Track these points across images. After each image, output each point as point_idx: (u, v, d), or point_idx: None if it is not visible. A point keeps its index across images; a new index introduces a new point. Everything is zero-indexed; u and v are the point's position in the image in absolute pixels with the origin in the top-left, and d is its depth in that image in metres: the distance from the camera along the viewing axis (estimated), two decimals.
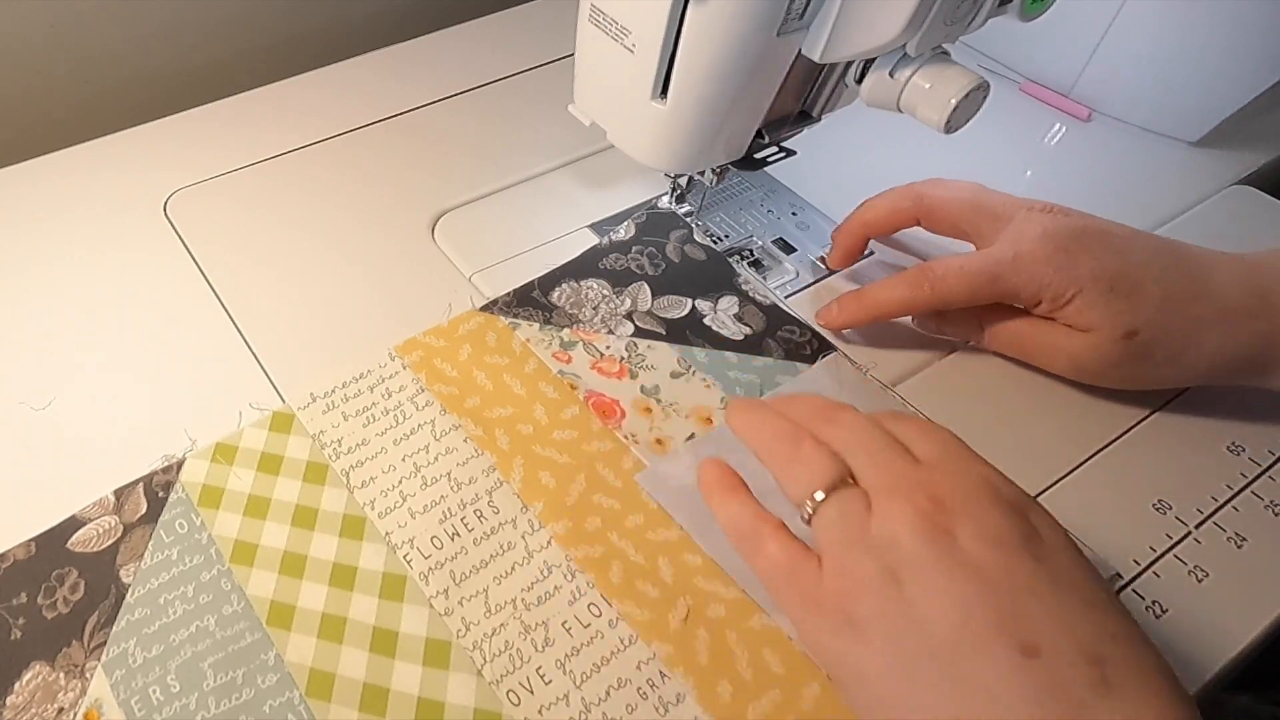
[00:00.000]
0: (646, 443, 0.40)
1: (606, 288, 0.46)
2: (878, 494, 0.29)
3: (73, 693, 0.32)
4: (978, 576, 0.27)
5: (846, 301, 0.43)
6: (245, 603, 0.35)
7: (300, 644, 0.34)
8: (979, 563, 0.27)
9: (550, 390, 0.41)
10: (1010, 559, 0.27)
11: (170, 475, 0.38)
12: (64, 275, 0.47)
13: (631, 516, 0.37)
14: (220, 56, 0.68)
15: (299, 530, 0.37)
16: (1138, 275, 0.38)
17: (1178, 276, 0.38)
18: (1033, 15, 0.39)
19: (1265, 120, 0.57)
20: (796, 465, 0.30)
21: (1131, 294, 0.37)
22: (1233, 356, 0.38)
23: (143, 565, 0.36)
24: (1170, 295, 0.37)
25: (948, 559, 0.27)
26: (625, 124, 0.42)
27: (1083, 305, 0.38)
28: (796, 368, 0.42)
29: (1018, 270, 0.39)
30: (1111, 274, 0.38)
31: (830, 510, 0.29)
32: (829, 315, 0.44)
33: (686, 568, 0.36)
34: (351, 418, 0.40)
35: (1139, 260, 0.38)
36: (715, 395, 0.41)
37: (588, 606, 0.35)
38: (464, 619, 0.34)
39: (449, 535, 0.37)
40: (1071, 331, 0.39)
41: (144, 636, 0.34)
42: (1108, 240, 0.39)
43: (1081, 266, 0.38)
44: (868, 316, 0.43)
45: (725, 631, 0.34)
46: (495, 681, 0.33)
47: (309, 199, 0.52)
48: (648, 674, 0.33)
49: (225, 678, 0.33)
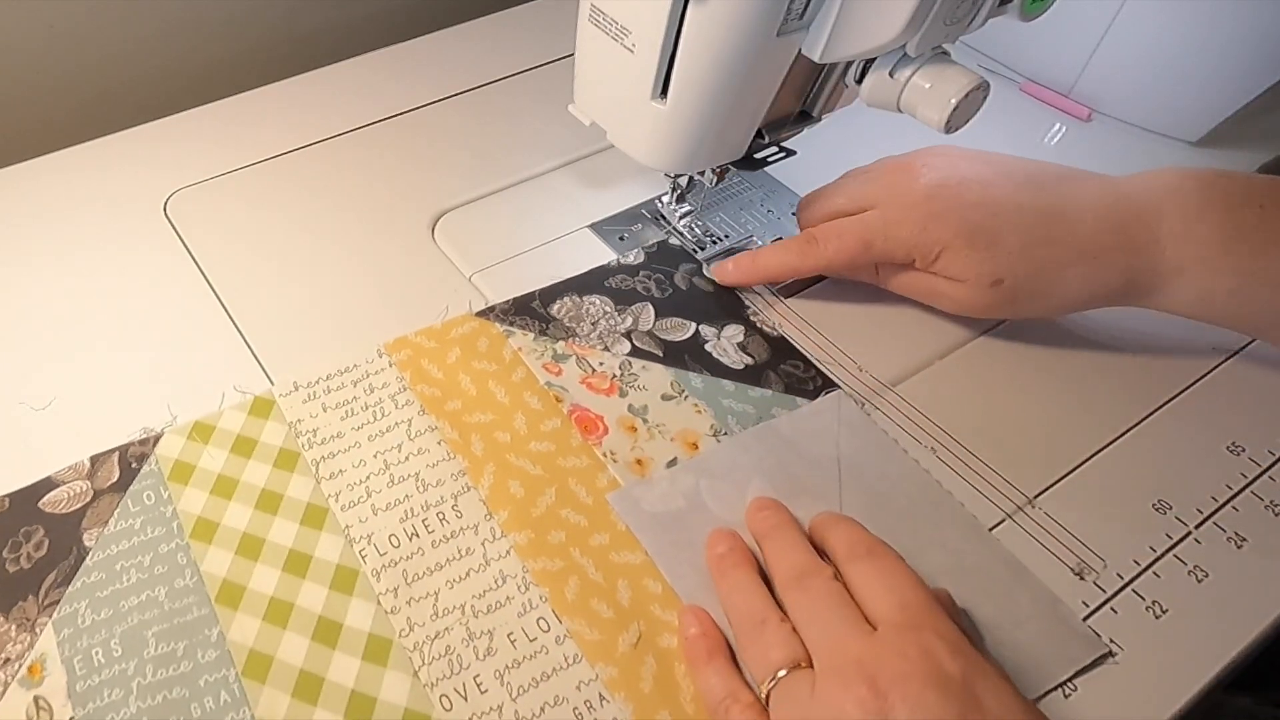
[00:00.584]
0: (626, 461, 0.39)
1: (609, 305, 0.46)
2: (822, 676, 0.30)
3: (21, 645, 0.34)
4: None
5: (741, 260, 0.46)
6: (198, 578, 0.35)
7: (245, 624, 0.34)
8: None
9: (534, 401, 0.41)
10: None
11: (146, 448, 0.39)
12: (64, 275, 0.47)
13: (597, 535, 0.37)
14: (220, 56, 0.68)
15: (261, 514, 0.37)
16: (994, 226, 0.40)
17: (1035, 221, 0.40)
18: (1033, 15, 0.39)
19: (1265, 120, 0.57)
20: (758, 646, 0.32)
21: (990, 245, 0.40)
22: (1099, 289, 0.40)
23: (106, 531, 0.37)
24: (1028, 242, 0.40)
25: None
26: (625, 124, 0.42)
27: (948, 261, 0.41)
28: (796, 401, 0.42)
29: (887, 237, 0.41)
30: (970, 229, 0.40)
31: (782, 691, 0.30)
32: (723, 271, 0.46)
33: (645, 593, 0.35)
34: (331, 409, 0.41)
35: (996, 210, 0.40)
36: (705, 422, 0.41)
37: (537, 620, 0.35)
38: (409, 619, 0.34)
39: (408, 535, 0.37)
40: (950, 280, 0.41)
41: (96, 599, 0.35)
42: (964, 193, 0.40)
43: (942, 226, 0.40)
44: (759, 277, 0.46)
45: (675, 662, 0.33)
46: (431, 684, 0.33)
47: (309, 199, 0.52)
48: (587, 695, 0.33)
49: (166, 648, 0.34)
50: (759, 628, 0.32)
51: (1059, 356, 0.44)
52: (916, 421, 0.41)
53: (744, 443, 0.40)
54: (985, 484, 0.39)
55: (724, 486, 0.38)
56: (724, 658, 0.33)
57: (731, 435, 0.40)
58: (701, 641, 0.33)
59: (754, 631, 0.32)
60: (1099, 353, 0.44)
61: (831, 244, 0.43)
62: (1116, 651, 0.34)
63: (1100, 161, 0.55)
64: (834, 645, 0.30)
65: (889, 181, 0.42)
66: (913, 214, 0.41)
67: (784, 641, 0.31)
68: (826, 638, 0.31)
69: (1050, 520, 0.38)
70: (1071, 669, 0.33)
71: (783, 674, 0.30)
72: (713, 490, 0.38)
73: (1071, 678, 0.33)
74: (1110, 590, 0.36)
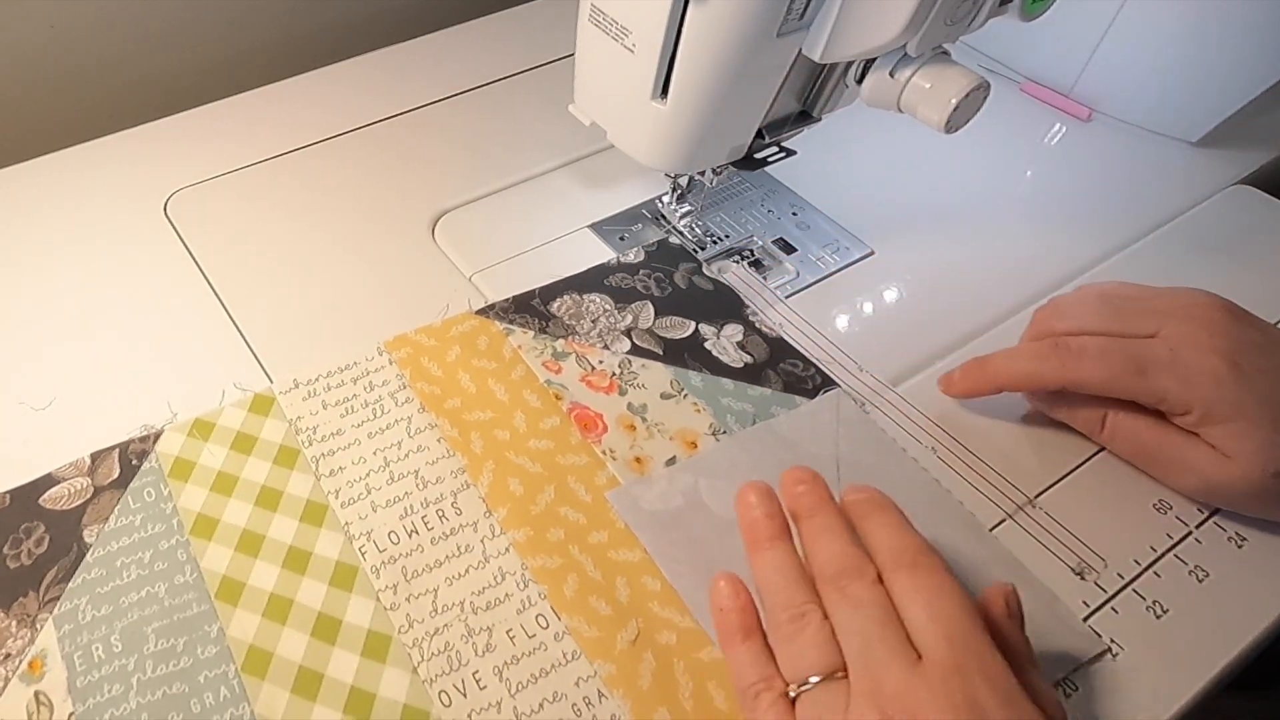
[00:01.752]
0: (625, 460, 0.39)
1: (609, 303, 0.46)
2: (857, 700, 0.28)
3: (21, 640, 0.34)
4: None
5: (969, 369, 0.41)
6: (198, 574, 0.35)
7: (244, 620, 0.34)
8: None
9: (534, 399, 0.41)
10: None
11: (146, 445, 0.39)
12: (65, 274, 0.47)
13: (596, 533, 0.37)
14: (220, 56, 0.68)
15: (261, 510, 0.37)
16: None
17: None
18: (1033, 15, 0.39)
19: (1265, 120, 0.57)
20: (795, 645, 0.30)
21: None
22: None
23: (106, 527, 0.37)
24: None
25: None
26: (625, 124, 0.42)
27: (1237, 432, 0.35)
28: (795, 400, 0.42)
29: (1174, 372, 0.35)
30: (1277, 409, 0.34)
31: (814, 699, 0.29)
32: (949, 382, 0.42)
33: (644, 591, 0.35)
34: (331, 407, 0.41)
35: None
36: (705, 421, 0.41)
37: (535, 617, 0.35)
38: (409, 615, 0.34)
39: (407, 532, 0.37)
40: (1213, 454, 0.35)
41: (96, 595, 0.35)
42: (1274, 367, 0.35)
43: (1251, 390, 0.34)
44: (989, 387, 0.40)
45: (673, 660, 0.34)
46: (430, 680, 0.33)
47: (309, 199, 0.52)
48: (585, 691, 0.33)
49: (166, 644, 0.34)
50: (798, 621, 0.31)
51: None
52: (916, 421, 0.41)
53: (743, 442, 0.40)
54: (985, 484, 0.39)
55: (723, 485, 0.38)
56: (759, 639, 0.32)
57: (730, 434, 0.40)
58: (737, 619, 0.32)
59: (792, 625, 0.31)
60: None
61: (1090, 358, 0.37)
62: (1117, 651, 0.34)
63: (1100, 161, 0.56)
64: (875, 670, 0.28)
65: (1185, 315, 0.37)
66: (1219, 359, 0.35)
67: (822, 645, 0.30)
68: (867, 656, 0.29)
69: (1050, 520, 0.38)
70: (1070, 667, 0.33)
71: (816, 680, 0.29)
72: (711, 489, 0.38)
73: (1070, 675, 0.33)
74: (1111, 590, 0.36)
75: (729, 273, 0.47)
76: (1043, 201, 0.53)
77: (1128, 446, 0.39)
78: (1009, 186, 0.54)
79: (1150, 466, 0.38)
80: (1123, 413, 0.38)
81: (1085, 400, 0.39)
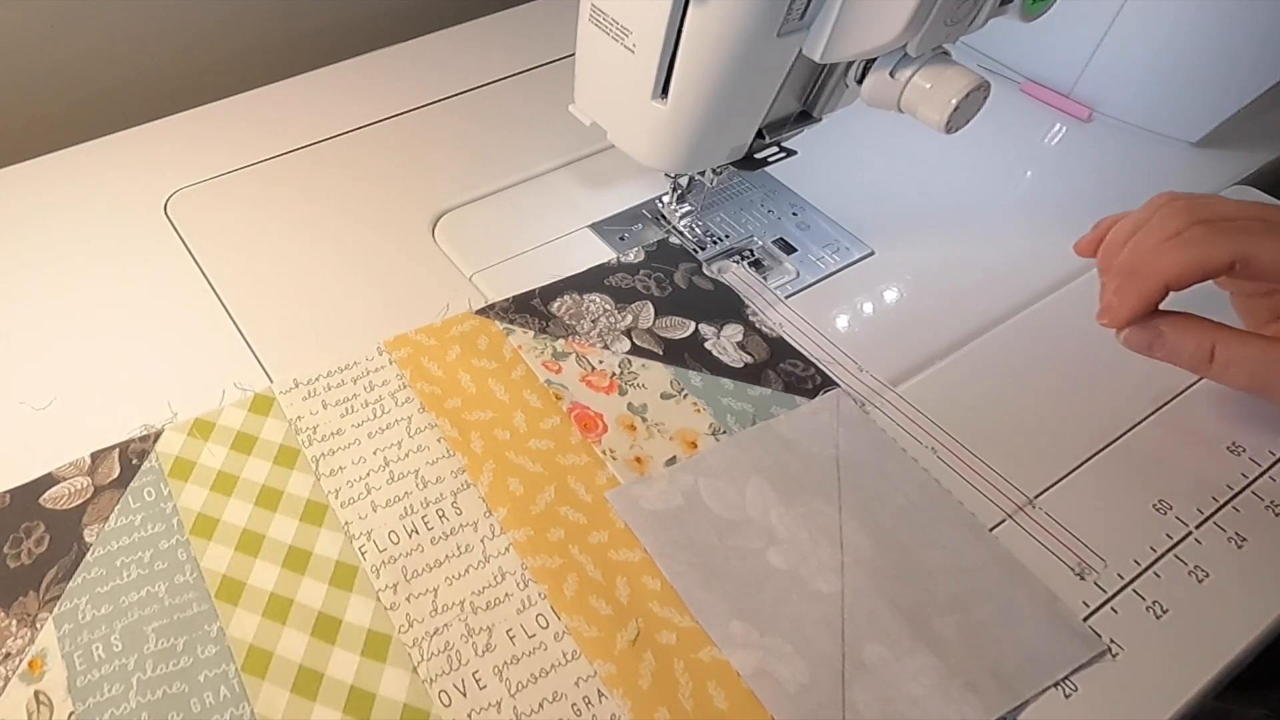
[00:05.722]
0: (625, 460, 0.39)
1: (609, 303, 0.46)
2: None
3: (22, 640, 0.34)
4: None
5: (1123, 285, 0.37)
6: (198, 574, 0.35)
7: (244, 620, 0.34)
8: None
9: (534, 399, 0.41)
10: None
11: (147, 444, 0.39)
12: (64, 275, 0.47)
13: (596, 533, 0.37)
14: (220, 56, 0.68)
15: (261, 510, 0.37)
16: None
17: None
18: (1033, 15, 0.39)
19: (1265, 120, 0.57)
20: None
21: None
22: None
23: (106, 527, 0.37)
24: None
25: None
26: (625, 124, 0.42)
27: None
28: (795, 400, 0.42)
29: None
30: None
31: None
32: (1110, 310, 0.37)
33: (644, 591, 0.35)
34: (331, 406, 0.41)
35: None
36: (705, 420, 0.41)
37: (535, 617, 0.35)
38: (409, 615, 0.34)
39: (407, 531, 0.37)
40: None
41: (96, 595, 0.35)
42: None
43: None
44: (1156, 290, 0.36)
45: (673, 659, 0.34)
46: (430, 680, 0.33)
47: (309, 199, 0.52)
48: (585, 691, 0.33)
49: (166, 643, 0.34)
50: None
51: (1059, 356, 0.44)
52: (916, 421, 0.41)
53: (743, 441, 0.40)
54: (985, 484, 0.39)
55: (723, 485, 0.38)
56: None
57: (730, 434, 0.40)
58: None
59: None
60: (1099, 352, 0.44)
61: (1259, 229, 0.34)
62: (1117, 651, 0.34)
63: (1100, 161, 0.56)
64: None
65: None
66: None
67: None
68: None
69: (1050, 520, 0.38)
70: (1069, 667, 0.33)
71: None
72: (711, 489, 0.38)
73: (1069, 675, 0.33)
74: (1111, 590, 0.36)
75: (729, 273, 0.48)
76: (1043, 202, 0.53)
77: (1242, 376, 0.36)
78: (1009, 187, 0.54)
79: (1269, 392, 0.37)
80: (1234, 341, 0.36)
81: (1193, 330, 0.36)
